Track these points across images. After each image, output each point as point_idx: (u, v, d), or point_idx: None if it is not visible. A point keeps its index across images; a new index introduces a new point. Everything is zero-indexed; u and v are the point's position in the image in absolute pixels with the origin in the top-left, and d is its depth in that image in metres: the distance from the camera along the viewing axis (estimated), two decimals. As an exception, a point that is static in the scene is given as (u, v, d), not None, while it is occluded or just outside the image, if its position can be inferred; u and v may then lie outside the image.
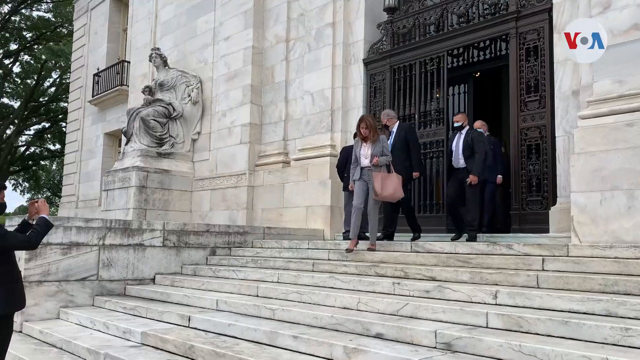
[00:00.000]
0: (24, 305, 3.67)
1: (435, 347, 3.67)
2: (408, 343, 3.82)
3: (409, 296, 4.76)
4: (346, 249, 6.37)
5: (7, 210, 3.70)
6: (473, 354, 3.48)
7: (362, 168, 6.38)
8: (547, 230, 6.60)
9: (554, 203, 6.74)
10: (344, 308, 4.79)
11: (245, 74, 10.80)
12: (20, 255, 6.30)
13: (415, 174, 7.24)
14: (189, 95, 11.78)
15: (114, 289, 6.91)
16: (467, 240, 6.41)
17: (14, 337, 3.77)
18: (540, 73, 7.31)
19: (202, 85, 11.83)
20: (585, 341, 3.39)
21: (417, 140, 7.55)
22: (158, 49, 12.27)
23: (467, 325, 3.94)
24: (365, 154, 6.35)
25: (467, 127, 6.95)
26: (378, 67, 9.33)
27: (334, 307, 4.88)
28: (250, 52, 10.76)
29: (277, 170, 10.12)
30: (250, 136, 10.59)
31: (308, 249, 7.31)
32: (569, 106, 6.68)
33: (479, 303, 4.32)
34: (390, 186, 6.18)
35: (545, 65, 7.27)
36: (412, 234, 7.11)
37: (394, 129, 7.40)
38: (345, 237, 7.68)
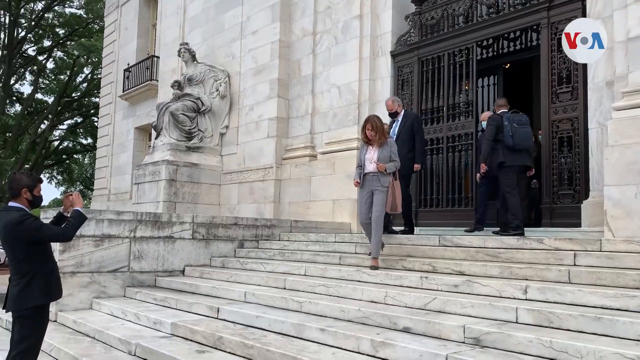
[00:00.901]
0: (60, 296, 3.76)
1: (464, 342, 3.64)
2: (436, 337, 3.80)
3: (437, 290, 4.72)
4: (370, 266, 5.65)
5: (43, 203, 3.78)
6: (502, 349, 3.44)
7: (365, 174, 5.78)
8: (578, 225, 6.45)
9: (586, 197, 6.59)
10: (371, 302, 4.79)
11: (272, 67, 10.83)
12: (55, 247, 6.47)
13: (417, 167, 7.07)
14: (217, 90, 11.88)
15: (145, 280, 7.05)
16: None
17: (49, 326, 3.88)
18: (573, 64, 7.12)
19: (229, 80, 11.92)
20: (619, 338, 3.31)
21: (423, 131, 7.40)
22: (187, 43, 12.39)
23: (496, 320, 3.89)
24: (370, 158, 5.76)
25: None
26: (406, 59, 9.24)
27: (361, 300, 4.88)
28: (277, 45, 10.78)
29: (303, 163, 10.14)
30: (277, 130, 10.63)
31: (335, 242, 7.32)
32: (602, 97, 6.51)
33: (509, 298, 4.26)
34: (398, 197, 5.84)
35: (578, 56, 7.08)
36: (436, 229, 7.00)
37: (399, 118, 7.15)
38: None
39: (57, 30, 32.42)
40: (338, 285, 5.24)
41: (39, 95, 33.69)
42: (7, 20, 29.89)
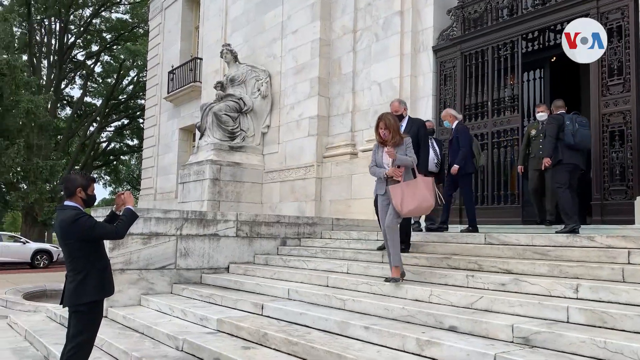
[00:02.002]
0: (112, 292, 3.86)
1: (512, 342, 3.56)
2: (483, 337, 3.72)
3: (484, 289, 4.63)
4: (390, 278, 5.07)
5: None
6: (553, 350, 3.33)
7: (387, 179, 5.16)
8: (631, 222, 6.21)
9: (640, 193, 6.33)
10: (415, 300, 4.73)
11: (313, 66, 10.86)
12: (105, 245, 6.68)
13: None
14: (259, 90, 12.01)
15: (191, 277, 7.19)
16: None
17: (101, 321, 4.01)
18: (625, 55, 6.86)
19: (271, 80, 12.02)
20: (679, 340, 3.16)
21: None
22: (229, 44, 12.58)
23: (546, 319, 3.78)
24: (388, 162, 5.18)
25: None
26: (448, 55, 9.10)
27: (405, 299, 4.83)
28: (317, 44, 10.81)
29: (344, 161, 10.13)
30: (318, 128, 10.65)
31: (377, 240, 7.27)
32: (657, 89, 6.23)
33: (559, 297, 4.13)
34: (413, 198, 4.94)
35: (630, 46, 6.82)
36: (481, 227, 6.86)
37: (404, 123, 6.30)
38: (414, 228, 7.58)
39: (104, 35, 33.50)
40: (381, 284, 5.20)
41: (87, 99, 34.95)
42: (57, 27, 31.09)
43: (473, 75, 8.82)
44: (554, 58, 9.27)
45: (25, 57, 29.39)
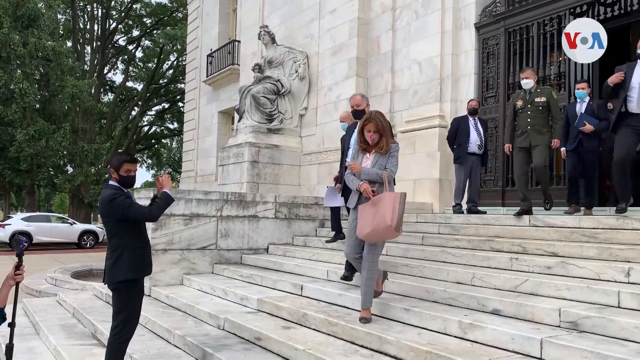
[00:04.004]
0: (149, 272, 3.89)
1: (559, 326, 3.44)
2: (528, 321, 3.62)
3: (529, 272, 4.50)
4: (360, 318, 4.13)
5: (135, 185, 3.93)
6: (603, 335, 3.21)
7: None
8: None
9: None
10: (457, 282, 4.65)
11: (351, 46, 10.71)
12: (148, 226, 6.80)
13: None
14: (296, 71, 11.95)
15: (231, 257, 7.28)
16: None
17: (145, 300, 4.09)
18: (681, 26, 6.47)
19: (308, 61, 11.94)
20: None
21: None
22: (266, 26, 12.53)
23: (595, 304, 3.64)
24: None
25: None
26: (491, 31, 8.80)
27: (446, 281, 4.75)
28: (355, 23, 10.64)
29: (383, 143, 9.99)
30: (357, 109, 10.52)
31: (417, 222, 7.18)
32: None
33: (609, 281, 3.97)
34: (373, 219, 4.00)
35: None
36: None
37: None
38: (456, 210, 7.44)
39: (145, 19, 34.03)
40: (421, 266, 5.14)
41: (129, 83, 35.70)
42: (99, 13, 31.74)
43: (517, 52, 8.51)
44: (604, 33, 8.85)
45: (69, 43, 30.18)
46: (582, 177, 6.49)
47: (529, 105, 6.21)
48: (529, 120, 6.19)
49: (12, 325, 3.24)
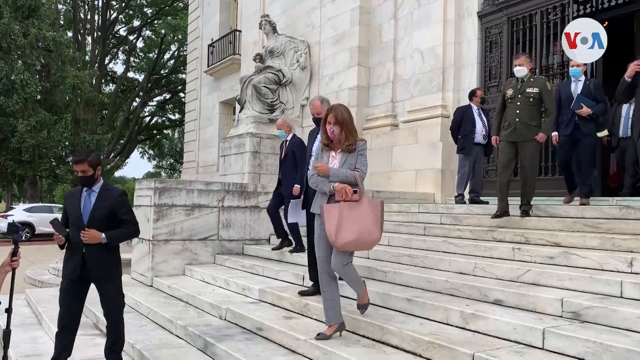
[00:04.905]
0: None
1: (561, 316, 3.43)
2: (530, 311, 3.61)
3: (531, 262, 4.49)
4: (317, 335, 3.80)
5: (136, 176, 3.95)
6: (606, 325, 3.20)
7: (332, 194, 3.73)
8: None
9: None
10: (459, 273, 4.64)
11: (352, 35, 10.64)
12: (150, 216, 6.83)
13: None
14: (298, 61, 11.88)
15: (233, 248, 7.29)
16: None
17: (147, 290, 4.10)
18: (687, 15, 6.40)
19: (309, 50, 11.87)
20: None
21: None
22: (267, 15, 12.44)
23: (597, 294, 3.63)
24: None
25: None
26: (494, 20, 8.72)
27: (448, 271, 4.74)
28: (357, 12, 10.56)
29: (384, 133, 9.97)
30: (358, 99, 10.48)
31: (419, 212, 7.17)
32: None
33: (611, 271, 3.96)
34: (354, 226, 3.58)
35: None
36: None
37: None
38: (458, 200, 7.42)
39: (145, 10, 33.85)
40: (424, 256, 5.13)
41: (130, 74, 35.59)
42: (100, 3, 31.59)
43: (520, 41, 8.43)
44: (606, 23, 8.76)
45: (70, 34, 30.08)
46: (577, 163, 6.22)
47: (519, 96, 5.58)
48: (517, 112, 5.56)
49: (9, 311, 3.33)
